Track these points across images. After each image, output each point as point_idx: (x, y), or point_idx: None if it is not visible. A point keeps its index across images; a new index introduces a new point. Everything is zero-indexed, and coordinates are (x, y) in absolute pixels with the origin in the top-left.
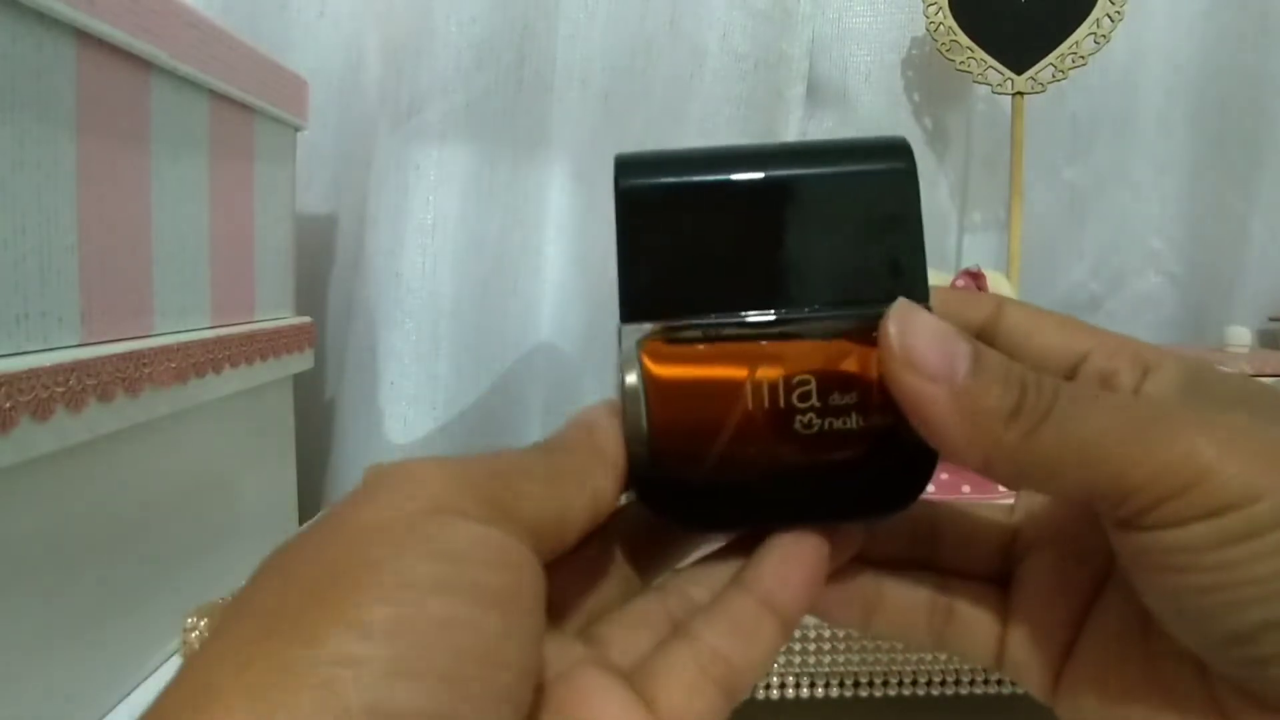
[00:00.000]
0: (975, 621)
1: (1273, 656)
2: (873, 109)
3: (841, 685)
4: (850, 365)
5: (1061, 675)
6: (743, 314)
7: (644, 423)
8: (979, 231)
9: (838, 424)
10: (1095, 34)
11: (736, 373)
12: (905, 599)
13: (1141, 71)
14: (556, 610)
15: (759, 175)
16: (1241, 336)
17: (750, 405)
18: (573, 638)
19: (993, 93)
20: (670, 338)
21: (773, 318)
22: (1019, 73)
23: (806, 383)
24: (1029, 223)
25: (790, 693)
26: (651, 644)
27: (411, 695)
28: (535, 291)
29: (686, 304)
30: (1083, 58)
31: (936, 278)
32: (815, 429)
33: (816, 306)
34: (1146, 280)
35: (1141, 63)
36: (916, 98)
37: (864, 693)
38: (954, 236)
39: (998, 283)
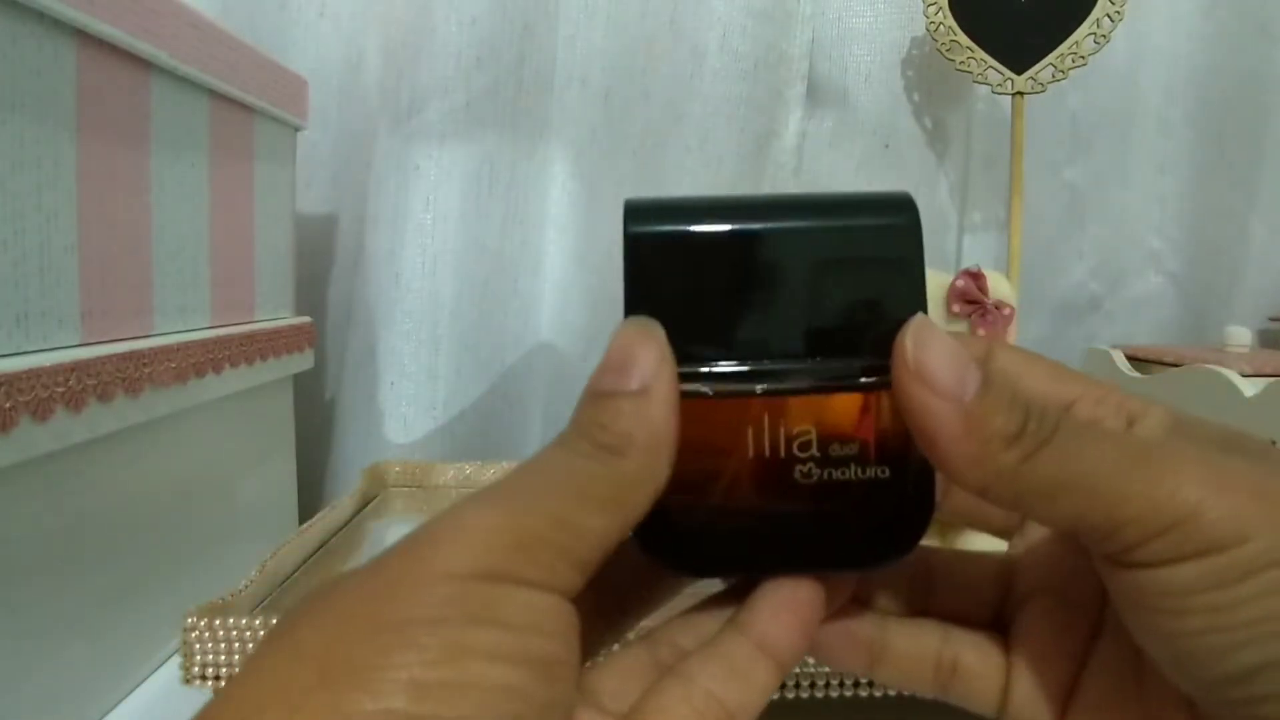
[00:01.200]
0: (979, 674)
1: (1267, 696)
2: (873, 109)
3: (842, 685)
4: (851, 417)
5: None
6: (747, 363)
7: None
8: (979, 231)
9: (837, 474)
10: (1095, 34)
11: (739, 421)
12: (911, 648)
13: (1141, 71)
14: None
15: (766, 226)
16: (1241, 336)
17: (751, 454)
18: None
19: (993, 93)
20: (679, 384)
21: (776, 367)
22: (1019, 73)
23: (807, 433)
24: (1029, 223)
25: (790, 693)
26: (642, 692)
27: None
28: (535, 291)
29: (692, 351)
30: (1083, 58)
31: (936, 278)
32: (815, 479)
33: (819, 357)
34: (1146, 280)
35: (1141, 63)
36: (916, 98)
37: (864, 693)
38: (954, 236)
39: (998, 283)
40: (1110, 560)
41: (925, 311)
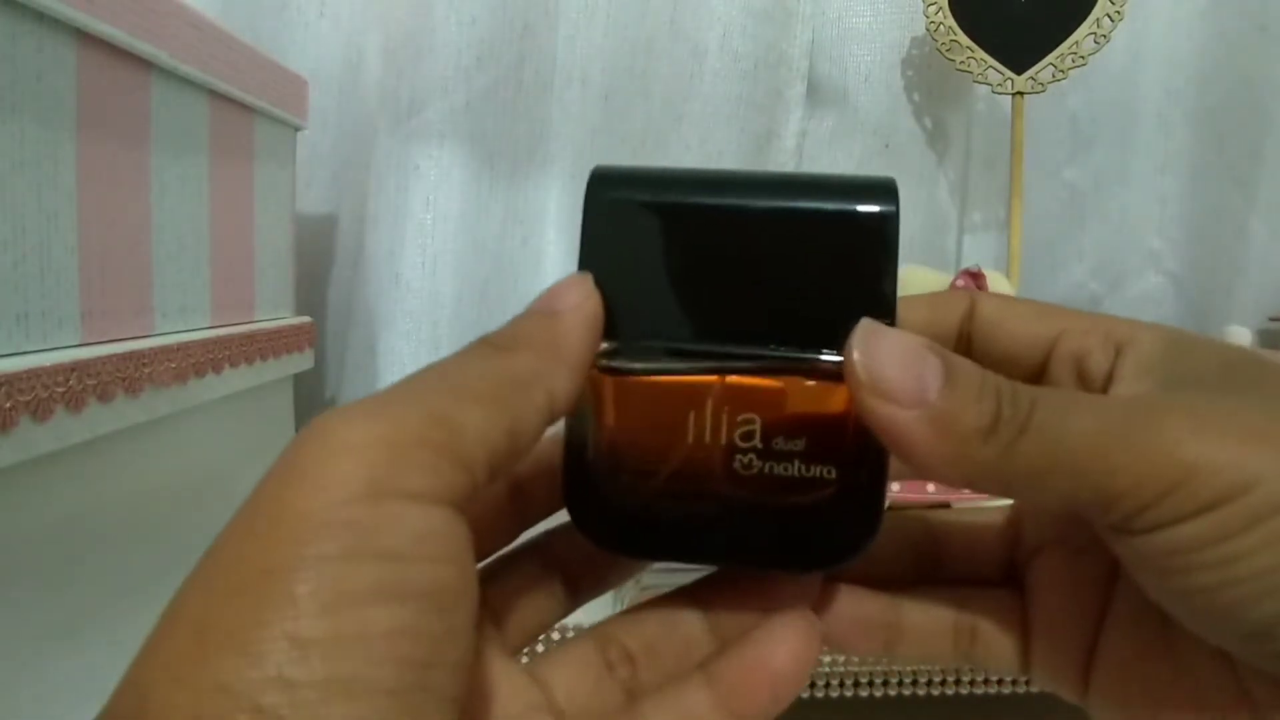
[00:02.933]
0: (998, 634)
1: None
2: (873, 109)
3: (842, 685)
4: (798, 411)
5: (1089, 676)
6: (697, 344)
7: (589, 443)
8: (979, 231)
9: (779, 469)
10: (1095, 34)
11: (682, 403)
12: (927, 623)
13: (1141, 71)
14: (495, 617)
15: (732, 202)
16: (1241, 336)
17: (691, 438)
18: (517, 665)
19: (993, 93)
20: (623, 359)
21: (726, 350)
22: (1019, 73)
23: (751, 423)
24: (1029, 223)
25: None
26: (592, 690)
27: (351, 714)
28: (535, 291)
29: (645, 325)
30: (1083, 58)
31: (937, 278)
32: (755, 471)
33: (774, 345)
34: (1146, 280)
35: (1141, 63)
36: (916, 98)
37: (864, 693)
38: (954, 236)
39: (998, 283)
40: (1112, 529)
41: (894, 307)
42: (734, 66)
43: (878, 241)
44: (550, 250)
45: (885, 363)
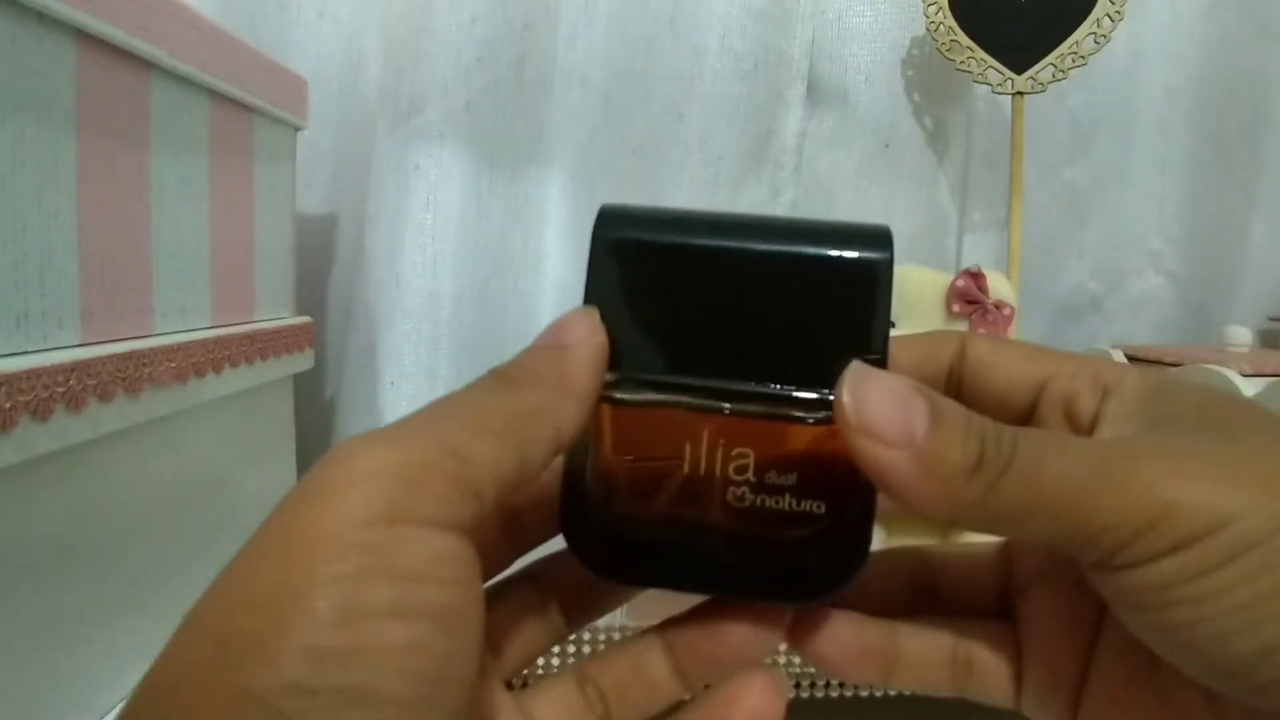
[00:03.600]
0: (994, 665)
1: (1273, 683)
2: (873, 109)
3: (842, 685)
4: (791, 448)
5: (1078, 707)
6: (696, 379)
7: (587, 471)
8: (979, 231)
9: (770, 503)
10: (1095, 34)
11: (678, 434)
12: (924, 652)
13: (1141, 71)
14: (491, 643)
15: (733, 245)
16: (1241, 336)
17: (686, 469)
18: (509, 695)
19: (993, 93)
20: (624, 391)
21: (724, 387)
22: (1019, 73)
23: (745, 456)
24: (1029, 223)
25: (790, 693)
26: None
27: None
28: (535, 291)
29: (646, 359)
30: (1083, 58)
31: (937, 278)
32: (747, 504)
33: (770, 384)
34: (1146, 280)
35: (1141, 63)
36: (916, 98)
37: (864, 693)
38: (954, 236)
39: (998, 283)
40: (1092, 566)
41: (886, 349)
42: (734, 66)
43: (870, 287)
44: (550, 250)
45: (874, 405)
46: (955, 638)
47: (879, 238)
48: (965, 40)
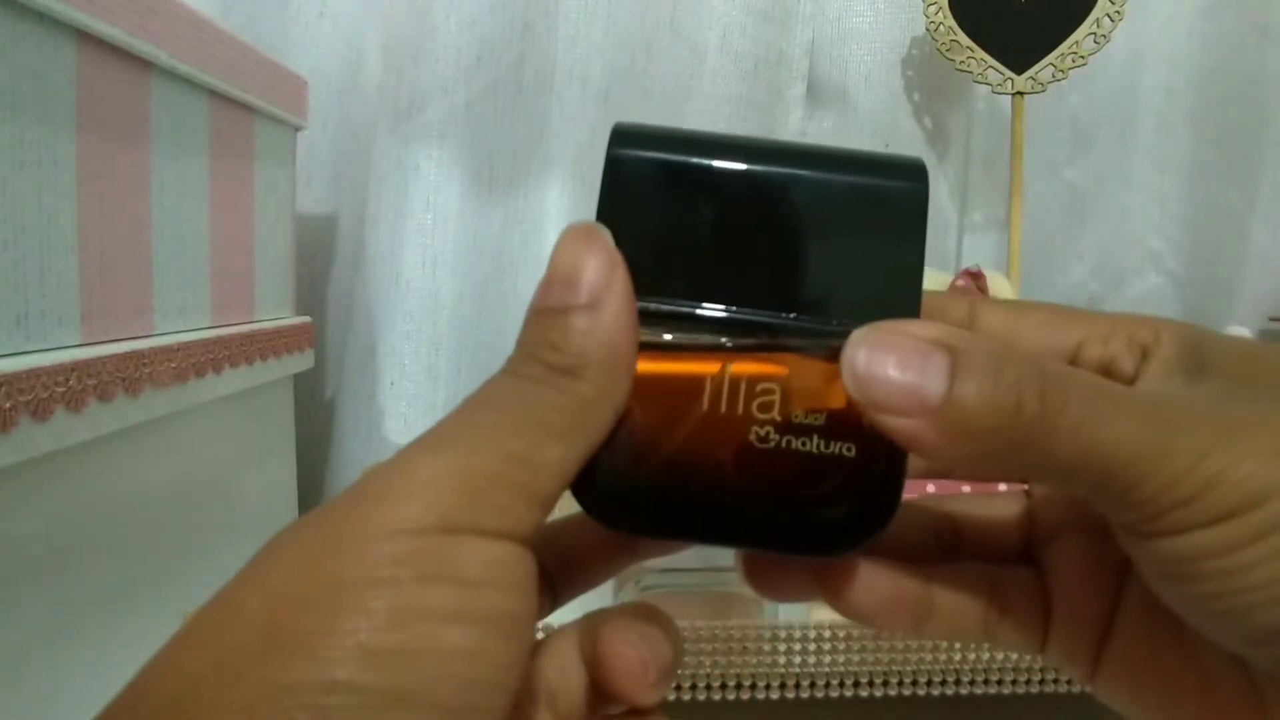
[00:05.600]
0: (1023, 615)
1: None
2: (873, 109)
3: (842, 685)
4: (820, 385)
5: (1100, 659)
6: (717, 309)
7: None
8: (979, 231)
9: (796, 444)
10: (1095, 34)
11: (699, 369)
12: (958, 602)
13: (1141, 71)
14: None
15: (760, 168)
16: (1242, 336)
17: (706, 407)
18: None
19: (993, 93)
20: (641, 326)
21: (747, 318)
22: (1019, 73)
23: (770, 392)
24: (1029, 223)
25: (790, 693)
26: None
27: None
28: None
29: (660, 286)
30: (1083, 58)
31: (936, 278)
32: (772, 444)
33: (797, 315)
34: (1146, 280)
35: (1141, 63)
36: (916, 98)
37: (864, 693)
38: (954, 236)
39: (998, 283)
40: (1123, 528)
41: (921, 281)
42: (734, 66)
43: (908, 219)
44: (550, 250)
45: (878, 375)
46: (989, 585)
47: (915, 170)
48: (965, 40)
